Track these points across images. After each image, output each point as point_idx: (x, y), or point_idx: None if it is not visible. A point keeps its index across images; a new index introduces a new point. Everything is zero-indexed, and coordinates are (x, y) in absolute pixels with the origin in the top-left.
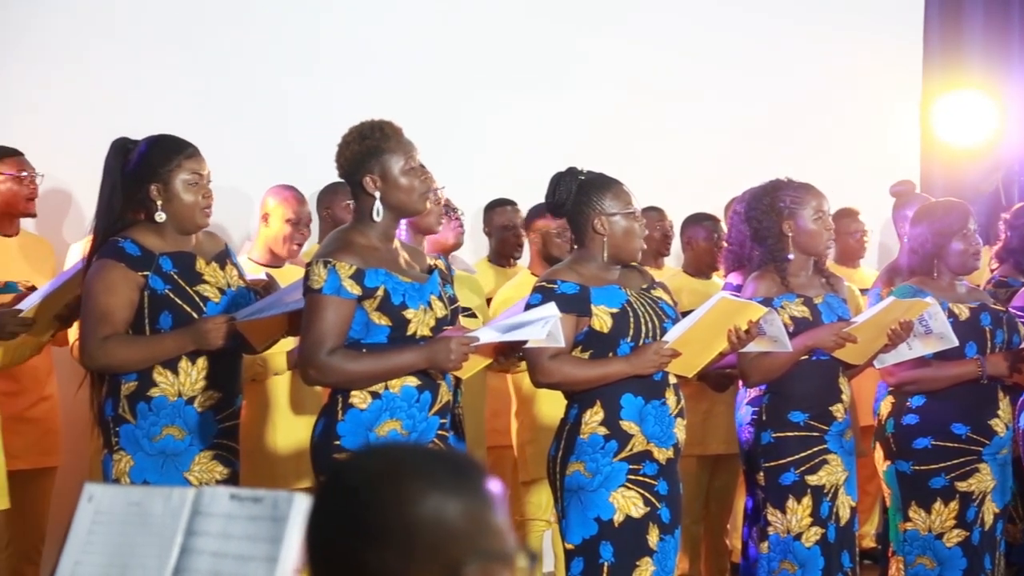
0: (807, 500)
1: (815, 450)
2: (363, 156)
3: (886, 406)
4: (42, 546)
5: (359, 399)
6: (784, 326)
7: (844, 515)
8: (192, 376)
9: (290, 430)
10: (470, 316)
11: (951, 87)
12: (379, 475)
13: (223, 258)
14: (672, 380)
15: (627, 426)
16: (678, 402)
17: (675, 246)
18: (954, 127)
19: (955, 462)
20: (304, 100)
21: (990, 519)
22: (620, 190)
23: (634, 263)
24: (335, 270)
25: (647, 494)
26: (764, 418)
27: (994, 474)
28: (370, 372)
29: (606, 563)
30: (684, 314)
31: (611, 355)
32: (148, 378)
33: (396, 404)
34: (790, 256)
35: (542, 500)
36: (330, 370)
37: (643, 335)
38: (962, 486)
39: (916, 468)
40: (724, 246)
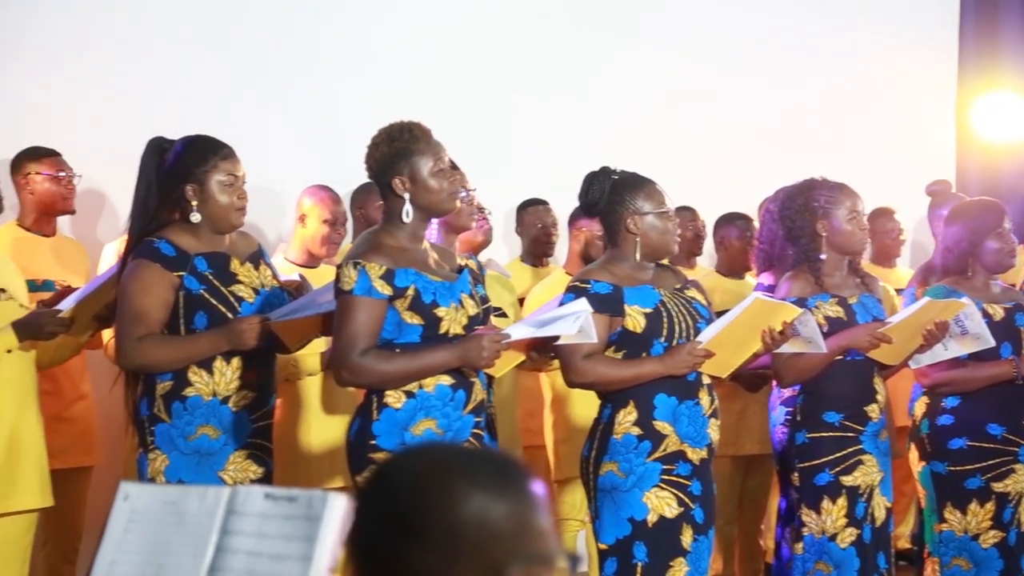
0: (842, 501)
1: (850, 450)
2: (392, 158)
3: (921, 407)
4: (79, 545)
5: (394, 399)
6: (818, 326)
7: (880, 516)
8: (227, 376)
9: (323, 429)
10: (501, 316)
11: (987, 88)
12: (423, 476)
13: (257, 258)
14: (706, 380)
15: (661, 426)
16: (712, 402)
17: (707, 246)
18: (990, 127)
19: (991, 463)
20: (347, 101)
21: None
22: (653, 189)
23: (667, 263)
24: (365, 271)
25: (681, 494)
26: (798, 418)
27: None
28: (403, 372)
29: (640, 563)
30: (718, 314)
31: (644, 355)
32: (183, 378)
33: (431, 403)
34: (823, 256)
35: (576, 500)
36: (363, 371)
37: (677, 335)
38: (998, 487)
39: (951, 469)
40: (755, 245)
